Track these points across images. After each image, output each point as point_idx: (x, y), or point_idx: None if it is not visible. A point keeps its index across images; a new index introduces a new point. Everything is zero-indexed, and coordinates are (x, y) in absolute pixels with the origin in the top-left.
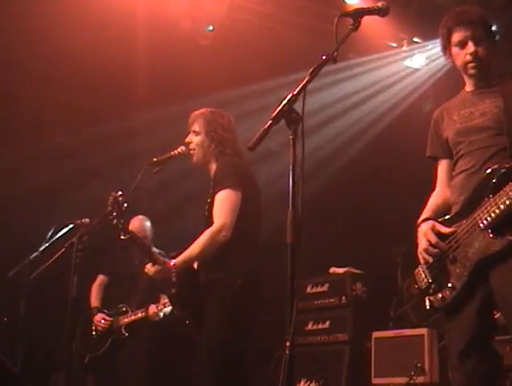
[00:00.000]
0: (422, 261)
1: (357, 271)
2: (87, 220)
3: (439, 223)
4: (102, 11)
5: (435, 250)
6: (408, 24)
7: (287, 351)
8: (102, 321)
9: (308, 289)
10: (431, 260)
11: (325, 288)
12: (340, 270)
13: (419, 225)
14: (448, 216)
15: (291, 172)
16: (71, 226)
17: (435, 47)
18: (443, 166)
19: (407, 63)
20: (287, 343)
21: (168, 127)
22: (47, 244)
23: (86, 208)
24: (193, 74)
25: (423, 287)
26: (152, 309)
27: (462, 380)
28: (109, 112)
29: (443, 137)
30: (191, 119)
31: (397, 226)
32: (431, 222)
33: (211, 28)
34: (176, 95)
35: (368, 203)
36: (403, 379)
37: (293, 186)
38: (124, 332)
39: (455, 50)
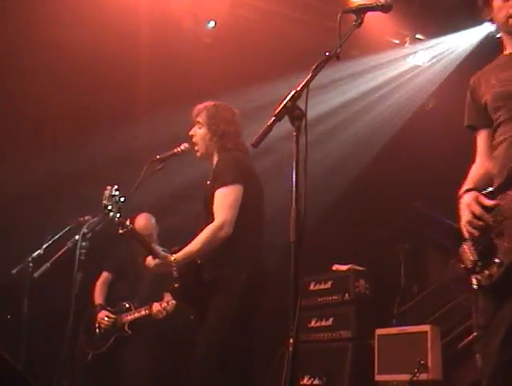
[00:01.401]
0: (467, 235)
1: (360, 268)
2: (89, 218)
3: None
4: (104, 10)
5: (480, 222)
6: (411, 21)
7: (291, 348)
8: (106, 318)
9: (311, 287)
10: (476, 233)
11: (328, 285)
12: (343, 267)
13: (461, 197)
14: (490, 189)
15: (294, 169)
16: (74, 223)
17: (438, 44)
18: (482, 137)
19: (410, 60)
20: (291, 340)
21: (171, 125)
22: (50, 242)
23: (88, 206)
24: (195, 71)
25: (469, 265)
26: (156, 307)
27: (493, 363)
28: (112, 111)
29: (481, 104)
30: (195, 112)
31: (400, 223)
32: (474, 192)
33: (212, 24)
34: (179, 93)
35: (371, 200)
36: (406, 376)
37: (296, 184)
38: (127, 329)
39: (497, 2)
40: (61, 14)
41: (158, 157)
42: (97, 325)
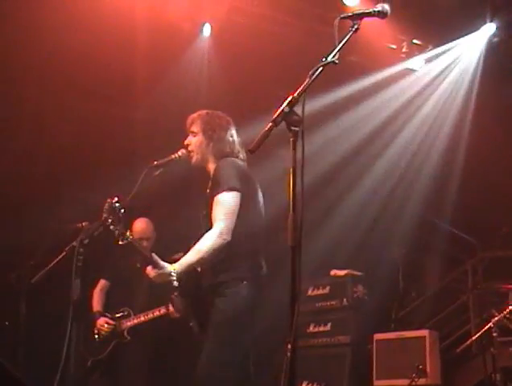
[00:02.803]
0: None
1: (358, 273)
2: (87, 224)
3: None
4: (101, 13)
5: None
6: (408, 26)
7: (289, 354)
8: (105, 325)
9: (309, 292)
10: None
11: (326, 290)
12: (341, 272)
13: None
14: None
15: (291, 175)
16: (71, 229)
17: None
18: None
19: (407, 65)
20: (289, 346)
21: (168, 128)
22: (47, 248)
23: (87, 211)
24: (192, 76)
25: None
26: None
27: None
28: (109, 114)
29: None
30: (188, 121)
31: (398, 228)
32: None
33: (208, 29)
34: (175, 96)
35: (369, 204)
36: (405, 381)
37: (293, 189)
38: (127, 336)
39: None
40: (59, 19)
41: (155, 163)
42: (96, 331)
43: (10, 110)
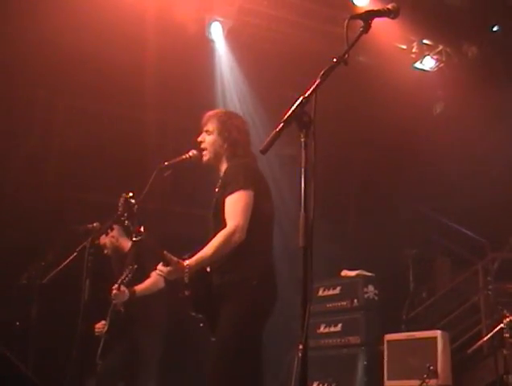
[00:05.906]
0: None
1: (369, 274)
2: (98, 225)
3: None
4: (111, 16)
5: None
6: (418, 26)
7: (300, 354)
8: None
9: (320, 292)
10: None
11: (337, 291)
12: (352, 273)
13: None
14: None
15: (302, 175)
16: (82, 230)
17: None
18: None
19: (417, 65)
20: (300, 346)
21: (178, 129)
22: (58, 249)
23: (97, 213)
24: (201, 77)
25: None
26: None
27: None
28: (119, 114)
29: None
30: (204, 119)
31: (408, 228)
32: None
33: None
34: (185, 98)
35: (379, 205)
36: (416, 382)
37: (305, 190)
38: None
39: None
40: (68, 20)
41: (166, 163)
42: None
43: (20, 113)
